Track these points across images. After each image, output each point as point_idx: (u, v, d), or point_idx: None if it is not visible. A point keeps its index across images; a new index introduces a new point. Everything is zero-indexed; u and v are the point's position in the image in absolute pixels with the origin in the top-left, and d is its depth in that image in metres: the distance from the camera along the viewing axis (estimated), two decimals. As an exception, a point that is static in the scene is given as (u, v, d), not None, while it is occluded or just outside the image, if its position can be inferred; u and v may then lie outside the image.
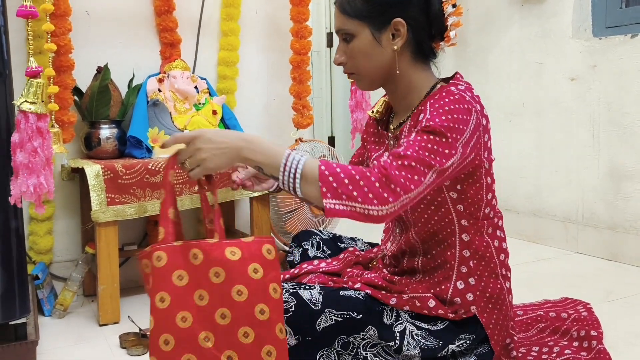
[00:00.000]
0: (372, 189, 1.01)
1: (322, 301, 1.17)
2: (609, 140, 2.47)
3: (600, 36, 2.49)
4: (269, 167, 1.06)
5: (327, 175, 1.02)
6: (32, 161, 1.30)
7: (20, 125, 1.32)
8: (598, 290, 2.06)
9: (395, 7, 1.19)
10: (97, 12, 2.12)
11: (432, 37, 1.24)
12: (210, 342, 1.07)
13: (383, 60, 1.22)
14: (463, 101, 1.14)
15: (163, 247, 1.08)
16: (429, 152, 1.07)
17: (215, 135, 1.05)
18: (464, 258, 1.24)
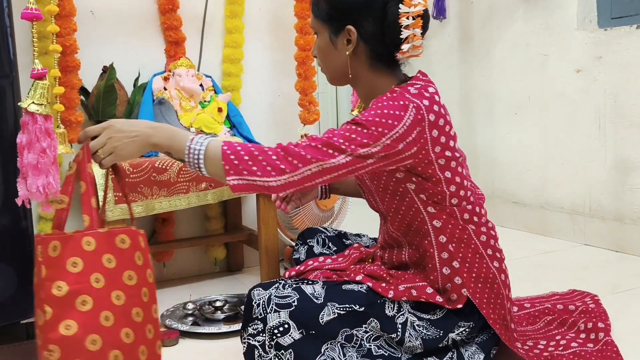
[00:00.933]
0: (270, 162, 1.11)
1: (324, 295, 1.20)
2: (615, 131, 2.46)
3: (606, 27, 2.48)
4: (176, 151, 1.16)
5: (229, 154, 1.12)
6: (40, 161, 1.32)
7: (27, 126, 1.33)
8: (605, 282, 2.06)
9: (351, 14, 1.25)
10: (101, 11, 2.13)
11: (386, 46, 1.26)
12: (140, 317, 1.19)
13: (338, 62, 1.30)
14: (401, 98, 1.19)
15: (90, 233, 1.19)
16: (344, 139, 1.14)
17: (124, 125, 1.15)
18: (441, 244, 1.26)
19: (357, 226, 2.20)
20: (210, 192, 1.96)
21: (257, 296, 1.20)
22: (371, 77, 1.29)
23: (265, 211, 2.10)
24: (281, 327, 1.15)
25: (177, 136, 1.16)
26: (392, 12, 1.22)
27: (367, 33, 1.25)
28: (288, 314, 1.16)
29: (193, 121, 2.11)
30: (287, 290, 1.20)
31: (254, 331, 1.17)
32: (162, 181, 1.88)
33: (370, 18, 1.24)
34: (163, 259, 2.27)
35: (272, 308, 1.17)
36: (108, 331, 1.15)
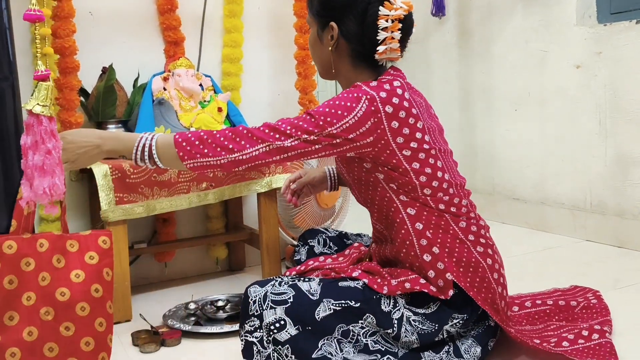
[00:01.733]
0: (219, 142, 1.22)
1: (320, 291, 1.22)
2: (616, 127, 2.46)
3: (605, 22, 2.48)
4: (128, 152, 1.27)
5: (181, 142, 1.22)
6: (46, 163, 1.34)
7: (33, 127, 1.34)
8: (607, 277, 2.06)
9: (335, 12, 1.31)
10: (100, 12, 2.13)
11: (365, 46, 1.31)
12: (50, 316, 1.35)
13: (323, 57, 1.37)
14: (355, 91, 1.25)
15: (13, 237, 1.35)
16: (291, 126, 1.23)
17: (75, 136, 1.26)
18: (419, 231, 1.28)
19: (358, 225, 2.20)
20: (211, 192, 1.96)
21: (254, 293, 1.22)
22: (352, 74, 1.35)
23: (266, 210, 2.11)
24: (277, 323, 1.17)
25: (126, 138, 1.27)
26: (372, 13, 1.27)
27: (348, 31, 1.30)
28: (284, 310, 1.18)
29: (193, 121, 2.11)
30: (283, 287, 1.22)
31: (251, 327, 1.19)
32: (162, 181, 1.88)
33: (352, 17, 1.29)
34: (164, 259, 2.27)
35: (268, 304, 1.19)
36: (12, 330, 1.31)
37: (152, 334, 1.67)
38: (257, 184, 2.05)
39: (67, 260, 1.39)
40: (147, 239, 2.23)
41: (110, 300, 1.42)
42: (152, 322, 1.77)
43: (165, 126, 2.04)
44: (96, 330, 1.40)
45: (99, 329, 1.40)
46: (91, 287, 1.39)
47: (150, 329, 1.71)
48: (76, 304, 1.38)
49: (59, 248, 1.39)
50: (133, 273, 2.06)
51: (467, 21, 3.14)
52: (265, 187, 2.05)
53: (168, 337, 1.64)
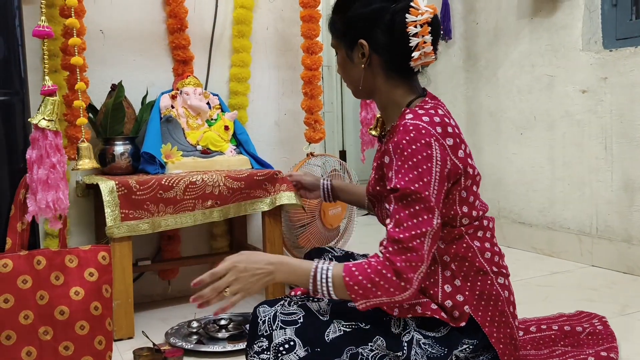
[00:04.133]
0: (391, 283, 1.13)
1: (330, 312, 1.20)
2: (622, 152, 2.46)
3: (611, 48, 2.49)
4: (303, 284, 1.19)
5: (352, 285, 1.14)
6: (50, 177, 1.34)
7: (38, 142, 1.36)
8: (613, 303, 2.04)
9: (360, 28, 1.28)
10: (111, 31, 2.16)
11: (398, 56, 1.28)
12: (49, 336, 1.34)
13: (357, 76, 1.33)
14: (419, 137, 1.18)
15: (9, 256, 1.34)
16: (413, 225, 1.14)
17: (248, 263, 1.18)
18: (445, 263, 1.26)
19: (362, 246, 2.19)
20: (216, 210, 1.97)
21: (263, 313, 1.20)
22: (387, 88, 1.32)
23: (270, 230, 2.10)
24: (286, 344, 1.15)
25: (298, 271, 1.19)
26: (399, 22, 1.24)
27: (379, 44, 1.27)
28: (294, 331, 1.16)
29: (200, 139, 2.12)
30: (292, 308, 1.21)
31: (259, 349, 1.17)
32: (168, 198, 1.88)
33: (379, 30, 1.26)
34: (168, 276, 2.27)
35: (277, 325, 1.17)
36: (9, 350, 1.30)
37: (154, 352, 1.66)
38: (262, 203, 2.05)
39: (66, 277, 1.38)
40: (151, 256, 2.23)
41: (109, 318, 1.41)
42: (155, 339, 1.76)
43: (172, 143, 2.05)
44: (96, 348, 1.39)
45: (99, 347, 1.39)
46: (91, 305, 1.39)
47: (153, 346, 1.70)
48: (75, 323, 1.37)
49: (57, 265, 1.38)
50: (136, 290, 2.05)
51: (473, 45, 3.16)
52: (270, 205, 2.05)
53: (170, 355, 1.63)
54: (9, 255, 1.34)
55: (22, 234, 1.40)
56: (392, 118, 1.33)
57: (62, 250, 1.40)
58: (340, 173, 2.42)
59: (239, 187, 1.99)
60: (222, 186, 1.96)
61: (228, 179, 1.98)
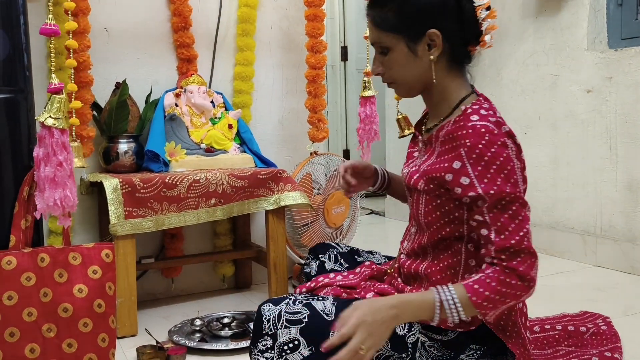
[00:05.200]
0: (517, 288, 1.14)
1: (335, 312, 1.19)
2: (627, 152, 2.45)
3: (616, 48, 2.48)
4: (427, 318, 1.15)
5: (481, 302, 1.13)
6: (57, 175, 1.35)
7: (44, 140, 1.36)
8: (617, 303, 2.04)
9: (429, 18, 1.20)
10: (115, 29, 2.16)
11: (466, 42, 1.25)
12: (53, 333, 1.35)
13: (420, 71, 1.25)
14: (495, 139, 1.16)
15: (13, 253, 1.34)
16: (517, 226, 1.14)
17: (373, 315, 1.12)
18: (469, 266, 1.24)
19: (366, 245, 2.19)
20: (219, 208, 1.97)
21: (267, 312, 1.19)
22: (447, 81, 1.27)
23: (274, 228, 2.10)
24: (291, 343, 1.14)
25: (423, 305, 1.15)
26: (468, 8, 1.21)
27: (449, 33, 1.22)
28: (299, 330, 1.15)
29: (204, 137, 2.13)
30: (297, 306, 1.20)
31: (263, 347, 1.17)
32: (172, 196, 1.89)
33: (448, 18, 1.21)
34: (171, 274, 2.27)
35: (282, 324, 1.17)
36: (13, 347, 1.30)
37: (157, 350, 1.66)
38: (266, 202, 2.05)
39: (70, 274, 1.38)
40: (154, 254, 2.23)
41: (112, 315, 1.42)
42: (158, 337, 1.76)
43: (176, 142, 2.05)
44: (99, 346, 1.39)
45: (102, 344, 1.39)
46: (94, 303, 1.39)
47: (156, 344, 1.70)
48: (79, 320, 1.37)
49: (61, 262, 1.38)
50: (140, 288, 2.05)
51: (478, 44, 3.15)
52: (274, 204, 2.05)
53: (173, 353, 1.63)
54: (12, 252, 1.35)
55: (26, 232, 1.40)
56: (441, 113, 1.28)
57: (65, 247, 1.40)
58: (344, 172, 2.42)
59: (243, 186, 1.99)
60: (225, 184, 1.96)
61: (232, 178, 1.98)
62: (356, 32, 4.63)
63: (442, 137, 1.23)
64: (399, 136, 1.45)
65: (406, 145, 1.48)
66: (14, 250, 1.35)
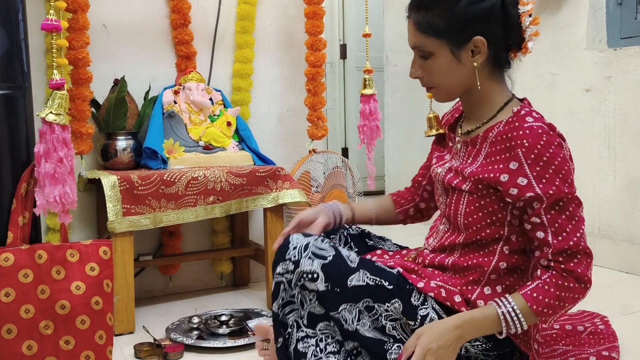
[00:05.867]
0: (575, 291, 1.16)
1: (358, 262, 1.22)
2: (625, 151, 2.45)
3: (615, 47, 2.48)
4: (492, 332, 1.18)
5: (541, 310, 1.15)
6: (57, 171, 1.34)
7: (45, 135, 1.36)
8: (615, 303, 2.04)
9: (476, 24, 1.21)
10: (114, 25, 2.16)
11: (509, 48, 1.27)
12: (50, 330, 1.35)
13: (462, 77, 1.25)
14: (552, 140, 1.18)
15: (10, 250, 1.34)
16: (574, 227, 1.16)
17: (438, 341, 1.13)
18: (498, 268, 1.24)
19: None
20: (217, 206, 1.97)
21: (296, 240, 1.23)
22: (489, 86, 1.27)
23: (272, 226, 2.10)
24: (311, 274, 1.18)
25: (486, 322, 1.17)
26: (513, 14, 1.23)
27: (494, 39, 1.23)
28: (320, 265, 1.18)
29: (202, 135, 2.12)
30: (325, 245, 1.22)
31: (283, 270, 1.21)
32: (170, 194, 1.88)
33: (494, 24, 1.22)
34: (169, 272, 2.27)
35: (307, 254, 1.20)
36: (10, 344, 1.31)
37: (155, 347, 1.66)
38: (264, 199, 2.05)
39: (67, 271, 1.38)
40: (152, 252, 2.23)
41: (110, 312, 1.41)
42: (155, 335, 1.76)
43: (174, 139, 2.05)
44: (96, 343, 1.39)
45: (99, 342, 1.39)
46: (92, 300, 1.39)
47: (153, 341, 1.70)
48: (76, 317, 1.37)
49: (59, 259, 1.38)
50: (137, 285, 2.05)
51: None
52: (272, 202, 2.05)
53: (170, 350, 1.63)
54: (10, 249, 1.35)
55: (23, 228, 1.40)
56: (485, 115, 1.28)
57: (63, 244, 1.40)
58: (343, 170, 2.42)
59: (241, 183, 1.99)
60: (224, 182, 1.96)
61: (230, 175, 1.98)
62: (355, 30, 4.62)
63: (493, 138, 1.23)
64: (426, 135, 1.43)
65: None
66: (11, 247, 1.35)
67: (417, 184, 1.53)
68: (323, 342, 1.20)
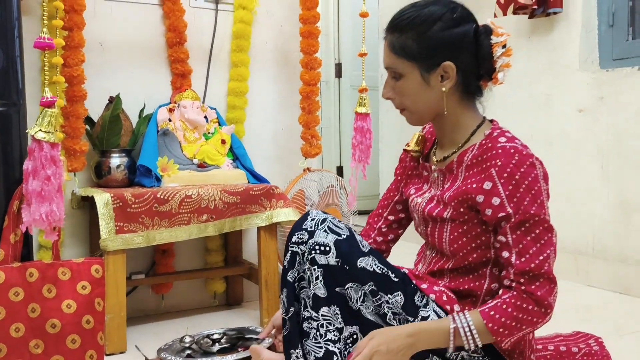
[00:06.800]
0: (534, 314, 1.15)
1: (368, 249, 1.24)
2: (618, 172, 2.46)
3: (607, 68, 2.51)
4: (443, 345, 1.18)
5: (497, 329, 1.14)
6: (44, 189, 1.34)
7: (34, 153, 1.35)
8: (609, 324, 2.03)
9: (447, 50, 1.23)
10: (110, 43, 2.16)
11: (480, 77, 1.28)
12: (40, 349, 1.33)
13: (431, 100, 1.27)
14: (524, 159, 1.17)
15: (1, 267, 1.32)
16: (538, 250, 1.15)
17: (388, 344, 1.15)
18: (491, 290, 1.25)
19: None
20: (211, 224, 1.96)
21: (314, 214, 1.26)
22: (459, 111, 1.29)
23: (266, 245, 2.09)
24: (324, 246, 1.20)
25: (437, 332, 1.17)
26: (485, 44, 1.24)
27: (464, 67, 1.24)
28: (334, 240, 1.21)
29: (196, 152, 2.12)
30: (342, 225, 1.25)
31: (298, 239, 1.24)
32: (163, 212, 1.88)
33: (465, 52, 1.24)
34: (162, 290, 2.25)
35: (324, 227, 1.23)
36: None
37: (146, 367, 1.64)
38: (258, 218, 2.04)
39: (59, 289, 1.37)
40: (145, 270, 2.21)
41: (101, 332, 1.40)
42: (147, 354, 1.74)
43: (168, 157, 2.05)
44: None
45: None
46: (82, 319, 1.37)
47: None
48: (67, 336, 1.36)
49: (50, 277, 1.37)
50: (130, 304, 2.03)
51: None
52: (266, 220, 2.04)
53: (162, 370, 1.61)
54: (1, 267, 1.33)
55: (15, 246, 1.39)
56: (458, 140, 1.29)
57: (55, 262, 1.39)
58: (337, 189, 2.42)
59: (235, 202, 1.99)
60: (217, 200, 1.96)
61: (224, 193, 1.97)
62: (351, 50, 4.66)
63: (468, 162, 1.24)
64: (405, 147, 1.45)
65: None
66: (2, 265, 1.34)
67: (378, 217, 1.52)
68: (324, 328, 1.21)
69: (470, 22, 1.26)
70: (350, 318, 1.22)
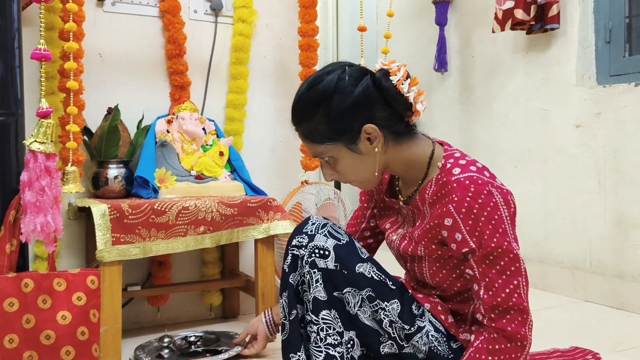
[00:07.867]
0: (509, 351, 1.13)
1: (368, 256, 1.27)
2: (615, 187, 2.47)
3: (604, 84, 2.52)
4: None
5: None
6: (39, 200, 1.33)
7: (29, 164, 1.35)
8: (606, 339, 2.02)
9: (358, 115, 1.20)
10: (109, 54, 2.17)
11: (402, 118, 1.25)
12: None
13: (371, 165, 1.24)
14: (480, 189, 1.15)
15: None
16: (504, 282, 1.13)
17: None
18: None
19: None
20: (208, 236, 1.95)
21: (315, 219, 1.29)
22: (404, 154, 1.26)
23: (263, 257, 2.08)
24: (323, 250, 1.22)
25: None
26: (389, 88, 1.20)
27: (383, 120, 1.22)
28: (334, 245, 1.22)
29: (194, 164, 2.12)
30: (342, 231, 1.28)
31: (298, 243, 1.26)
32: (160, 223, 1.87)
33: (376, 106, 1.21)
34: (158, 303, 2.23)
35: (324, 232, 1.25)
36: None
37: (140, 380, 1.63)
38: (255, 230, 2.03)
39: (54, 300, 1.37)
40: (141, 282, 2.20)
41: (96, 343, 1.39)
42: (141, 367, 1.72)
43: (166, 168, 2.04)
44: None
45: None
46: (77, 330, 1.37)
47: (139, 374, 1.67)
48: (61, 348, 1.35)
49: (45, 288, 1.36)
50: (125, 316, 2.01)
51: (469, 78, 3.19)
52: (263, 233, 2.04)
53: (156, 383, 1.60)
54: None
55: (10, 256, 1.39)
56: (416, 178, 1.28)
57: (50, 273, 1.38)
58: (335, 202, 2.41)
59: (232, 214, 1.98)
60: (215, 212, 1.95)
61: (221, 205, 1.97)
62: (349, 63, 4.67)
63: (430, 199, 1.23)
64: None
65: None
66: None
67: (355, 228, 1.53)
68: (324, 331, 1.22)
69: (365, 76, 1.23)
70: (348, 323, 1.23)
